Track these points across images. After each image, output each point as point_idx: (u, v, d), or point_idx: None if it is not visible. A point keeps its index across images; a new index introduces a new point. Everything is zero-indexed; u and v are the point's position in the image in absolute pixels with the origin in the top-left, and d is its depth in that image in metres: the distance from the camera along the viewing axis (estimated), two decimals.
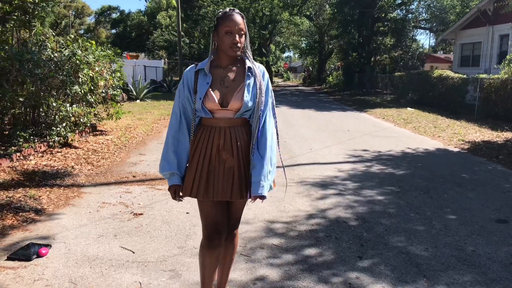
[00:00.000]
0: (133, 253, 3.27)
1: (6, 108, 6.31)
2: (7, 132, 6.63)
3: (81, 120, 7.39)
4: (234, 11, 2.11)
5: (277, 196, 4.65)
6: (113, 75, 8.52)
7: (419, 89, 17.52)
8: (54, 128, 6.61)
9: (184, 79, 2.20)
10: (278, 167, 2.40)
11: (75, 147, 6.98)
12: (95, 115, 8.23)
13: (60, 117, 6.74)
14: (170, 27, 38.20)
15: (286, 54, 71.82)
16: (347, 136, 9.53)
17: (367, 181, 5.59)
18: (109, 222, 3.92)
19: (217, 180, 2.14)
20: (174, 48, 34.38)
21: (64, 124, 6.74)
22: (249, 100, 2.12)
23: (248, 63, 2.17)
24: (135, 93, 16.85)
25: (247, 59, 2.18)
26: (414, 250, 3.41)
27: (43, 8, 7.35)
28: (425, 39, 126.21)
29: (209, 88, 2.12)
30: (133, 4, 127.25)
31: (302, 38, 45.87)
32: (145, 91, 17.26)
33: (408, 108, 15.88)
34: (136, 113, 12.18)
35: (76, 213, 4.12)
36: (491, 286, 2.88)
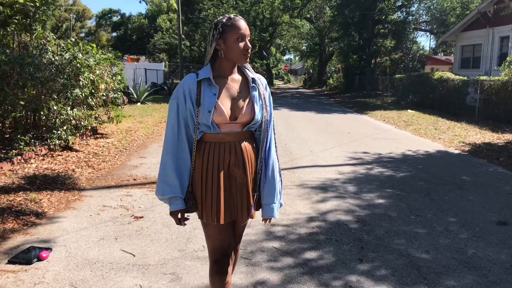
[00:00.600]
0: (134, 256, 3.27)
1: (7, 111, 6.34)
2: (8, 136, 6.66)
3: (82, 123, 7.42)
4: (238, 16, 1.96)
5: None
6: (114, 78, 8.56)
7: (419, 91, 17.52)
8: (55, 132, 6.63)
9: (184, 90, 1.95)
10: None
11: (76, 150, 7.00)
12: (95, 118, 8.25)
13: (61, 120, 6.76)
14: (170, 30, 38.26)
15: (286, 57, 72.07)
16: (348, 138, 9.53)
17: (367, 183, 5.59)
18: (109, 225, 3.92)
19: (229, 199, 1.98)
20: (174, 51, 34.44)
21: (65, 127, 6.77)
22: (258, 112, 1.99)
23: (250, 74, 2.03)
24: (135, 96, 16.91)
25: (247, 69, 2.05)
26: (414, 253, 3.41)
27: (44, 12, 7.38)
28: (425, 41, 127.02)
29: (217, 100, 1.92)
30: (134, 7, 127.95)
31: (302, 41, 45.98)
32: (146, 94, 17.33)
33: (409, 110, 15.87)
34: (137, 116, 12.21)
35: (76, 216, 4.13)
36: None
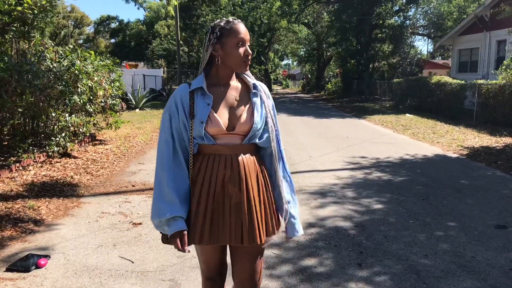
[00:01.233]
0: (132, 262, 3.27)
1: (5, 118, 6.34)
2: (6, 143, 6.65)
3: (80, 130, 7.42)
4: (237, 20, 1.81)
5: None
6: (112, 84, 8.56)
7: (417, 95, 17.57)
8: (53, 138, 6.63)
9: (177, 101, 1.81)
10: None
11: (74, 157, 6.99)
12: (94, 124, 8.25)
13: (59, 127, 6.77)
14: (169, 36, 38.43)
15: (284, 62, 72.36)
16: (346, 143, 9.54)
17: (366, 188, 5.59)
18: (108, 232, 3.92)
19: (222, 220, 1.76)
20: (173, 57, 34.58)
21: (63, 134, 6.77)
22: (259, 120, 1.81)
23: (250, 80, 1.88)
24: (134, 102, 16.93)
25: (246, 75, 1.89)
26: (413, 257, 3.40)
27: (42, 19, 7.40)
28: (423, 45, 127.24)
29: (211, 110, 1.77)
30: (132, 14, 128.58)
31: (300, 46, 46.16)
32: (144, 100, 17.35)
33: (407, 114, 15.90)
34: (136, 122, 12.21)
35: (75, 223, 4.12)
36: None
